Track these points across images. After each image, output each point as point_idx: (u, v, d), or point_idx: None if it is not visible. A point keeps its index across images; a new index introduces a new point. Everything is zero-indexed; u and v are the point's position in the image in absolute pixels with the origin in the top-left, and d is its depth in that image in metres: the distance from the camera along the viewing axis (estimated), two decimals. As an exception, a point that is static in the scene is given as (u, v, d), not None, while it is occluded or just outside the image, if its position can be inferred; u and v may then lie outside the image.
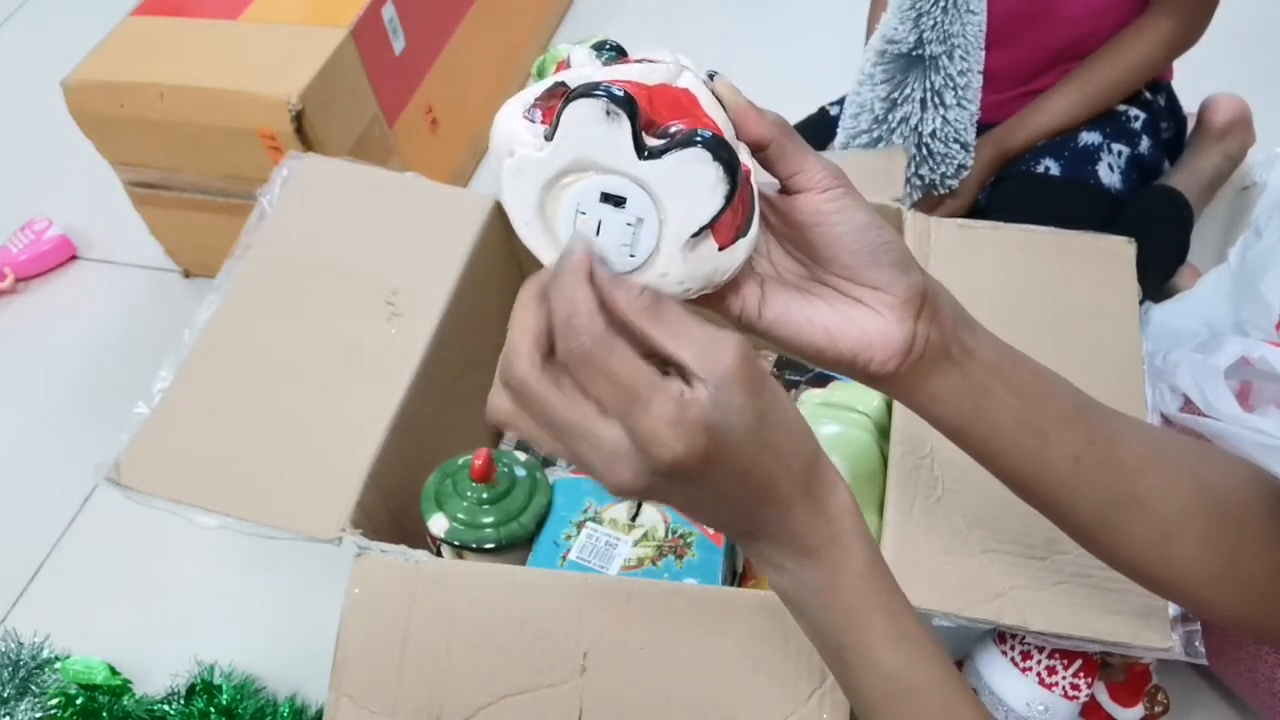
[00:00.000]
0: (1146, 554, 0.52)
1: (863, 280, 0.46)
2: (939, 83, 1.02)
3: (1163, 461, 0.51)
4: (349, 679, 0.69)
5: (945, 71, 1.01)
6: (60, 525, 1.19)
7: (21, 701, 0.99)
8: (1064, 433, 0.49)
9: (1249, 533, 0.51)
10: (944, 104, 1.03)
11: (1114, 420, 0.51)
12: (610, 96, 0.39)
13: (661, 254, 0.42)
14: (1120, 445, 0.50)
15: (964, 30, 0.99)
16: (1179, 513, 0.50)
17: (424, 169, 0.99)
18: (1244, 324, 1.01)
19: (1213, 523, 0.50)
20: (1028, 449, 0.49)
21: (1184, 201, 1.18)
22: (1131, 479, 0.50)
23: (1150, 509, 0.50)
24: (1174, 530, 0.50)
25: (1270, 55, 1.46)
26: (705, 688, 0.66)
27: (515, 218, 0.43)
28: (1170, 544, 0.51)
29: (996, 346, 0.49)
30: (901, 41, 1.01)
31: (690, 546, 0.79)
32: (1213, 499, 0.51)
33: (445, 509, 0.79)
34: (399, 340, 0.85)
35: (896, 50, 1.02)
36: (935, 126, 1.05)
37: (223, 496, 0.77)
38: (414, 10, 1.31)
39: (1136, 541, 0.51)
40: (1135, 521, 0.51)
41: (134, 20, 1.28)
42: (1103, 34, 1.13)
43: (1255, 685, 0.85)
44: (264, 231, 0.92)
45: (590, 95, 0.39)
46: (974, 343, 0.48)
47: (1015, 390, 0.49)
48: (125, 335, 1.39)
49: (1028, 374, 0.49)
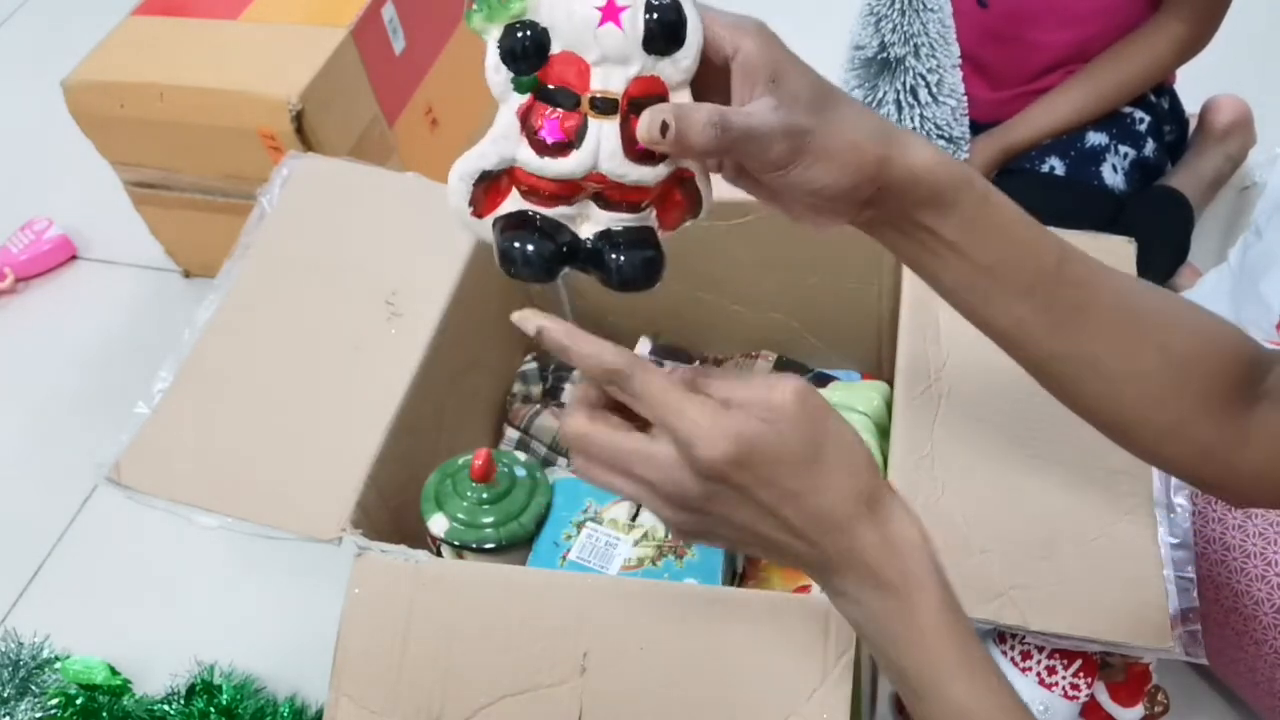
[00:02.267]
0: (1091, 402, 0.53)
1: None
2: (910, 82, 1.02)
3: (1129, 329, 0.51)
4: (349, 679, 0.69)
5: (914, 71, 1.02)
6: (60, 525, 1.19)
7: (21, 701, 0.99)
8: (1012, 299, 0.50)
9: (1207, 399, 0.51)
10: (919, 102, 1.03)
11: (1089, 288, 0.50)
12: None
13: None
14: (1081, 315, 0.50)
15: (925, 29, 1.00)
16: (1133, 375, 0.51)
17: (424, 169, 0.99)
18: (1244, 324, 1.01)
19: (1169, 387, 0.51)
20: (966, 304, 0.51)
21: (1184, 201, 1.19)
22: (1083, 344, 0.50)
23: (1099, 370, 0.51)
24: (1124, 388, 0.51)
25: (1271, 57, 1.46)
26: (705, 688, 0.66)
27: None
28: (1119, 399, 0.51)
29: (968, 222, 0.48)
30: (866, 47, 1.01)
31: (690, 546, 0.79)
32: (1176, 366, 0.51)
33: (445, 509, 0.79)
34: (399, 340, 0.85)
35: (863, 56, 1.02)
36: (915, 125, 1.05)
37: (223, 496, 0.77)
38: (414, 10, 1.31)
39: (1081, 391, 0.52)
40: (1081, 376, 0.51)
41: (134, 20, 1.28)
42: (1109, 36, 1.13)
43: (1255, 685, 0.85)
44: (264, 231, 0.92)
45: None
46: (933, 221, 0.48)
47: (968, 259, 0.49)
48: (125, 335, 1.39)
49: (995, 246, 0.49)
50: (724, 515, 0.44)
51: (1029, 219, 0.50)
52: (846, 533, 0.44)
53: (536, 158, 0.43)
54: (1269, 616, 0.81)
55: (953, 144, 1.08)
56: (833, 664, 0.63)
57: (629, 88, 0.43)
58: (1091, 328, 0.50)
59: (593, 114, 0.43)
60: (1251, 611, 0.82)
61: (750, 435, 0.42)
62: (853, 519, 0.44)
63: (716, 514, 0.44)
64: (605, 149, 0.43)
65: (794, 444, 0.43)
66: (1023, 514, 0.72)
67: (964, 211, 0.48)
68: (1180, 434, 0.52)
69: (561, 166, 0.43)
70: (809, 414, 0.43)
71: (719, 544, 0.48)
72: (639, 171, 0.44)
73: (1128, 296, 0.51)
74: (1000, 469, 0.74)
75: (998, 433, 0.74)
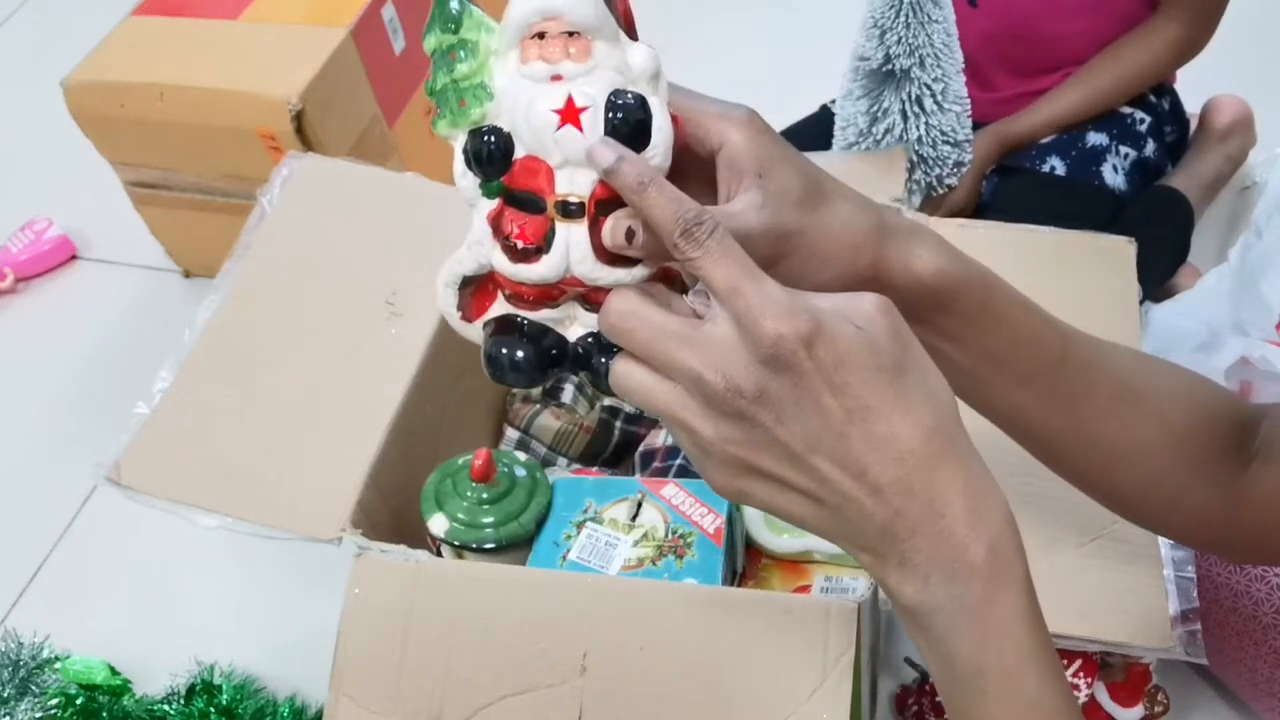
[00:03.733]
0: (1090, 478, 0.52)
1: None
2: (916, 92, 1.02)
3: (1130, 407, 0.50)
4: (349, 679, 0.69)
5: (920, 81, 1.01)
6: (60, 525, 1.19)
7: (21, 701, 0.99)
8: (1011, 389, 0.48)
9: (1202, 467, 0.50)
10: (925, 111, 1.03)
11: (1090, 373, 0.49)
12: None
13: None
14: (1081, 399, 0.49)
15: (930, 40, 0.99)
16: (1133, 452, 0.50)
17: (424, 169, 0.99)
18: (1244, 324, 1.01)
19: (1168, 461, 0.50)
20: (964, 390, 0.48)
21: (1185, 201, 1.19)
22: (1083, 426, 0.50)
23: (1098, 448, 0.50)
24: (1122, 464, 0.50)
25: (1271, 57, 1.46)
26: (705, 688, 0.66)
27: None
28: (1116, 475, 0.51)
29: (972, 317, 0.46)
30: (871, 58, 1.01)
31: (690, 546, 0.78)
32: (1174, 439, 0.50)
33: (445, 509, 0.79)
34: (399, 340, 0.85)
35: (868, 67, 1.02)
36: (921, 133, 1.05)
37: (223, 496, 0.77)
38: (414, 10, 1.31)
39: (1079, 471, 0.52)
40: (1079, 455, 0.51)
41: (134, 20, 1.28)
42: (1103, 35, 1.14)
43: (1255, 685, 0.85)
44: (264, 231, 0.92)
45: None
46: (935, 317, 0.46)
47: (969, 354, 0.47)
48: (125, 335, 1.39)
49: (998, 340, 0.47)
50: (773, 431, 0.36)
51: (1033, 307, 0.48)
52: (925, 475, 0.37)
53: (510, 263, 0.42)
54: (1269, 616, 0.81)
55: (958, 147, 1.08)
56: (833, 664, 0.63)
57: (595, 190, 0.41)
58: (1093, 411, 0.49)
59: (560, 218, 0.41)
60: (1251, 611, 0.82)
61: (828, 320, 0.36)
62: (936, 457, 0.37)
63: (764, 426, 0.36)
64: (575, 254, 0.41)
65: (875, 347, 0.36)
66: (1023, 514, 0.71)
67: (967, 309, 0.46)
68: (1180, 504, 0.51)
69: (534, 272, 0.42)
70: (893, 324, 0.37)
71: (758, 494, 0.39)
72: (614, 274, 0.42)
73: (1129, 376, 0.51)
74: (1000, 469, 0.73)
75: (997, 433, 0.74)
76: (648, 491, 0.82)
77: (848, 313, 0.37)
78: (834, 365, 0.36)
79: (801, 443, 0.37)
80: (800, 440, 0.37)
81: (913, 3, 0.97)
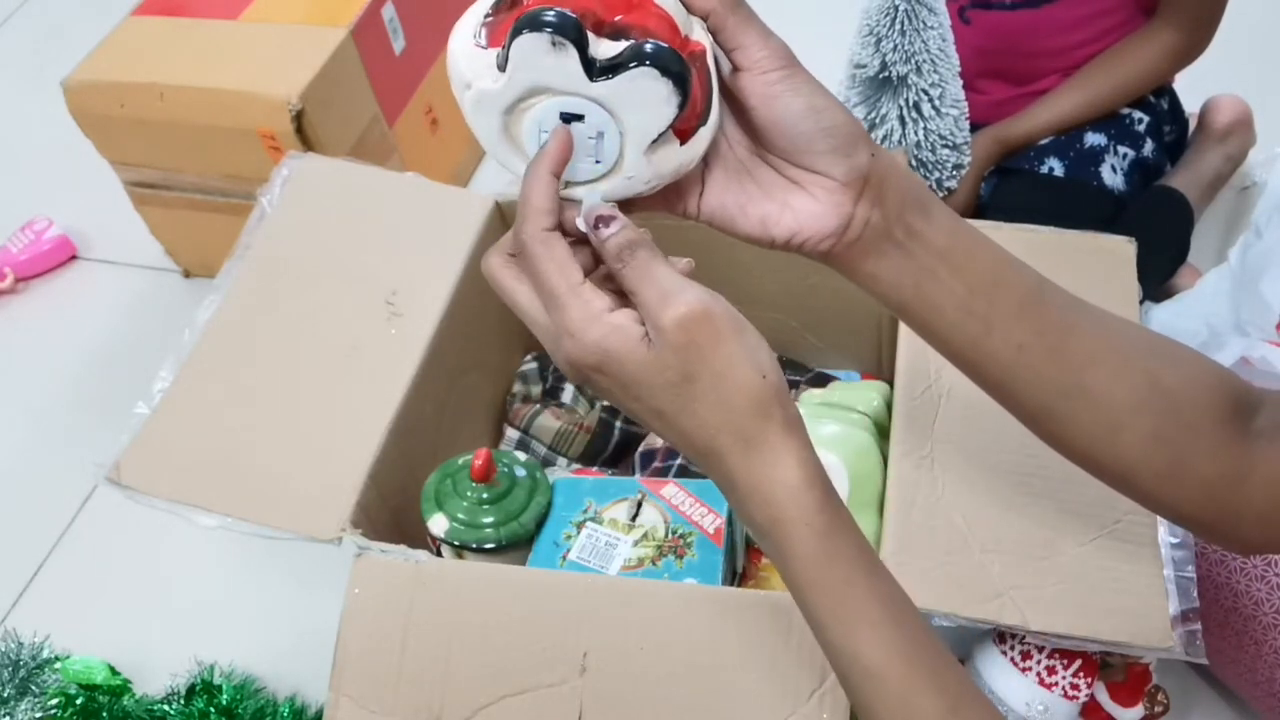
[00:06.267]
0: (1092, 445, 0.52)
1: (801, 164, 0.47)
2: (913, 98, 1.02)
3: (1117, 356, 0.50)
4: (349, 679, 0.69)
5: (917, 87, 1.01)
6: (60, 525, 1.19)
7: (21, 701, 0.99)
8: (1011, 322, 0.49)
9: (1200, 434, 0.50)
10: (922, 116, 1.03)
11: (1073, 311, 0.51)
12: (555, 28, 0.40)
13: (626, 159, 0.44)
14: (1073, 337, 0.50)
15: (926, 45, 0.99)
16: (1128, 408, 0.50)
17: (424, 169, 0.99)
18: (1244, 324, 1.01)
19: (1163, 421, 0.50)
20: (970, 334, 0.50)
21: (1184, 201, 1.19)
22: (1080, 372, 0.50)
23: (1097, 402, 0.50)
24: (1121, 424, 0.50)
25: (1271, 57, 1.46)
26: (705, 688, 0.66)
27: (484, 144, 0.45)
28: (1116, 437, 0.51)
29: (952, 230, 0.49)
30: (867, 65, 1.01)
31: (690, 546, 0.79)
32: (1167, 398, 0.50)
33: (445, 509, 0.79)
34: (399, 340, 0.85)
35: (865, 75, 1.02)
36: (919, 138, 1.05)
37: (223, 496, 0.77)
38: (414, 10, 1.31)
39: (1081, 432, 0.52)
40: (1081, 412, 0.51)
41: (134, 20, 1.28)
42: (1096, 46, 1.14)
43: (1255, 685, 0.85)
44: (264, 231, 0.92)
45: (535, 29, 0.40)
46: (923, 225, 0.48)
47: (963, 276, 0.49)
48: (125, 335, 1.39)
49: (983, 260, 0.49)
50: (604, 392, 0.45)
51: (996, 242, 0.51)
52: (715, 463, 0.44)
53: None
54: (1269, 616, 0.81)
55: (956, 150, 1.08)
56: (833, 664, 0.63)
57: None
58: (1082, 353, 0.50)
59: None
60: (1251, 611, 0.82)
61: (616, 350, 0.43)
62: (721, 453, 0.44)
63: (596, 387, 0.45)
64: None
65: (662, 367, 0.43)
66: (1023, 514, 0.72)
67: (944, 219, 0.49)
68: (1179, 474, 0.51)
69: None
70: (690, 341, 0.42)
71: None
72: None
73: (1108, 324, 0.52)
74: (1000, 469, 0.74)
75: (998, 433, 0.74)
76: (648, 491, 0.82)
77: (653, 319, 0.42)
78: (623, 386, 0.44)
79: (625, 408, 0.45)
80: (624, 407, 0.45)
81: (908, 10, 0.97)
